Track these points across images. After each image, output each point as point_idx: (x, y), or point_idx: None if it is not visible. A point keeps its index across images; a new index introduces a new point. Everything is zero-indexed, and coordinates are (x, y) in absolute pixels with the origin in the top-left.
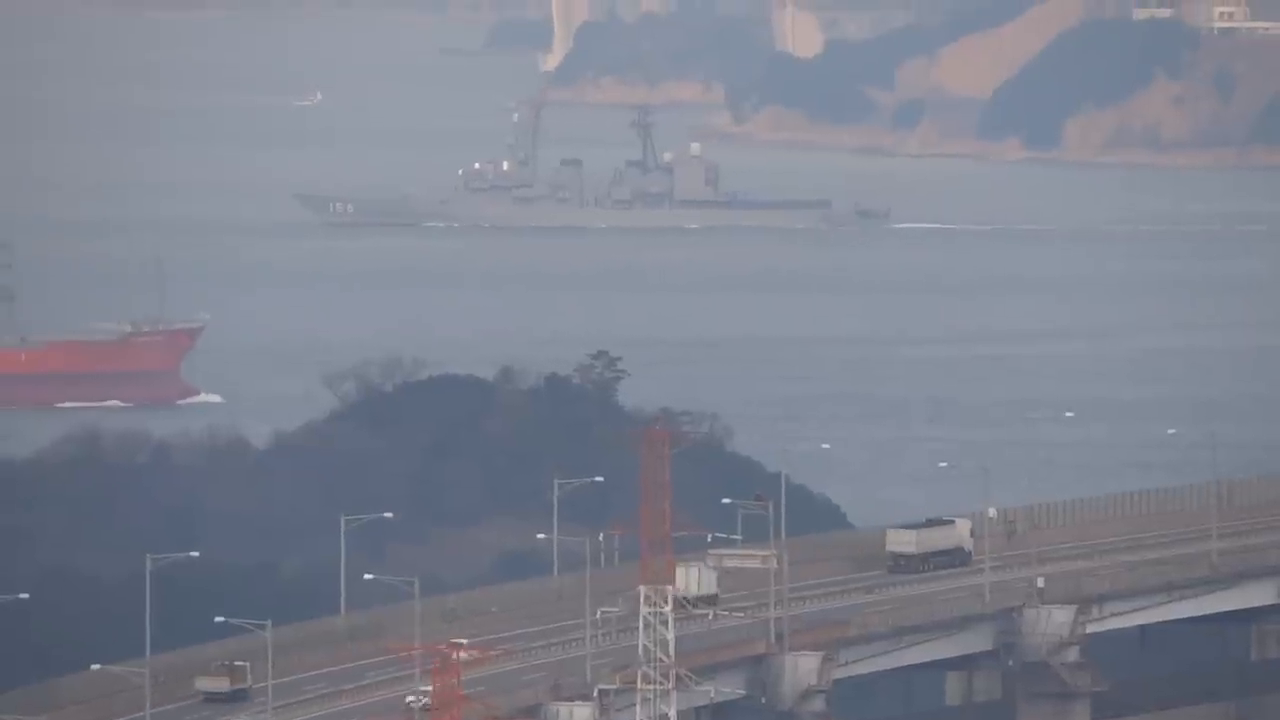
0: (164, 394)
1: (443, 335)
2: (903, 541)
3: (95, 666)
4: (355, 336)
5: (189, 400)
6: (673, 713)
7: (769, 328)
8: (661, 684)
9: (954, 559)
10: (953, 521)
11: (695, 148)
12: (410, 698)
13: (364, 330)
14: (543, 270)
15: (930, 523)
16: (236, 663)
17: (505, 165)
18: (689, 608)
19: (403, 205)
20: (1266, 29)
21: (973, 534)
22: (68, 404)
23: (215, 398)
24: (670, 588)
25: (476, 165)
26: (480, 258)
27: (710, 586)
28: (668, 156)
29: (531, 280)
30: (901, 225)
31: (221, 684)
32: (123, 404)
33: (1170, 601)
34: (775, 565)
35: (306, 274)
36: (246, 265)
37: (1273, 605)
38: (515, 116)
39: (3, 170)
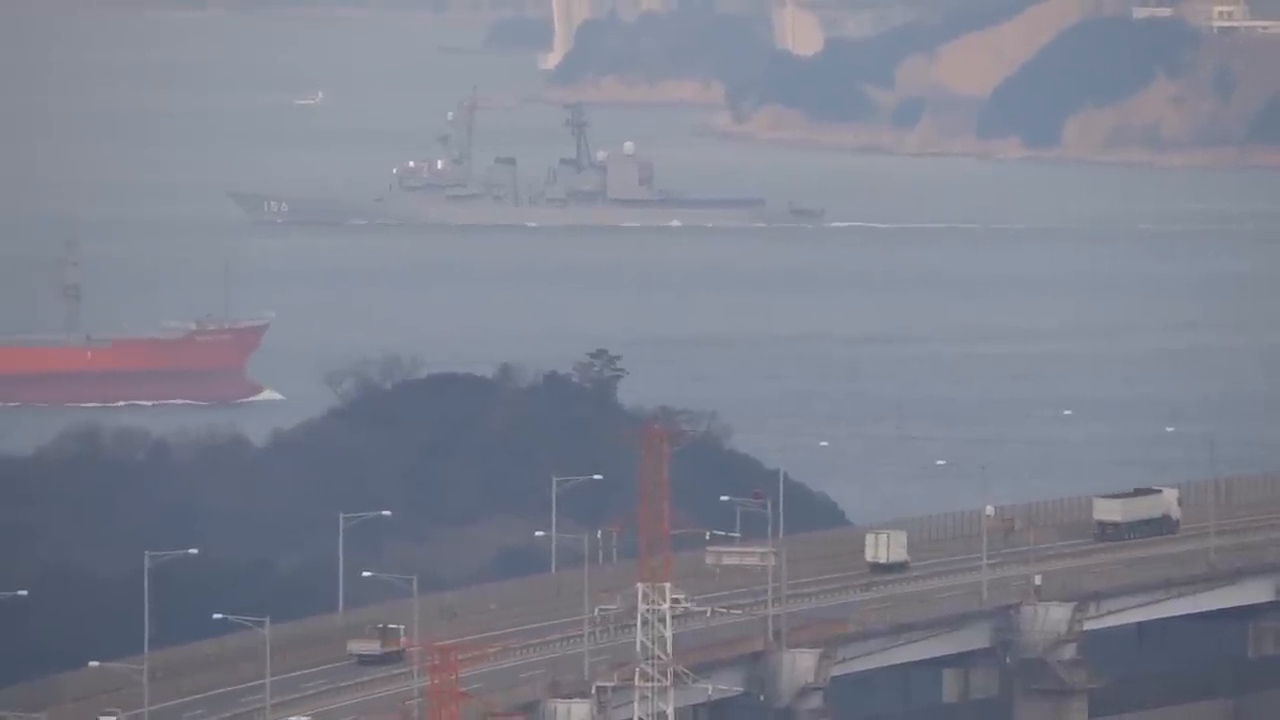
0: (229, 392)
1: (410, 332)
2: (1109, 510)
3: (94, 663)
4: (350, 336)
5: (252, 398)
6: (670, 710)
7: (767, 326)
8: (659, 681)
9: (1161, 527)
10: (1160, 491)
11: (629, 146)
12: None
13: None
14: (512, 268)
15: (1138, 492)
16: (390, 625)
17: (440, 164)
18: (685, 607)
19: (336, 204)
20: (1266, 28)
21: (1180, 503)
22: (133, 402)
23: (278, 395)
24: (668, 585)
25: (411, 164)
26: (415, 255)
27: (900, 554)
28: (601, 155)
29: (504, 278)
30: (836, 224)
31: (374, 647)
32: (188, 402)
33: (1168, 599)
34: (773, 562)
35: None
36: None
37: (1270, 603)
38: (450, 115)
39: (62, 171)
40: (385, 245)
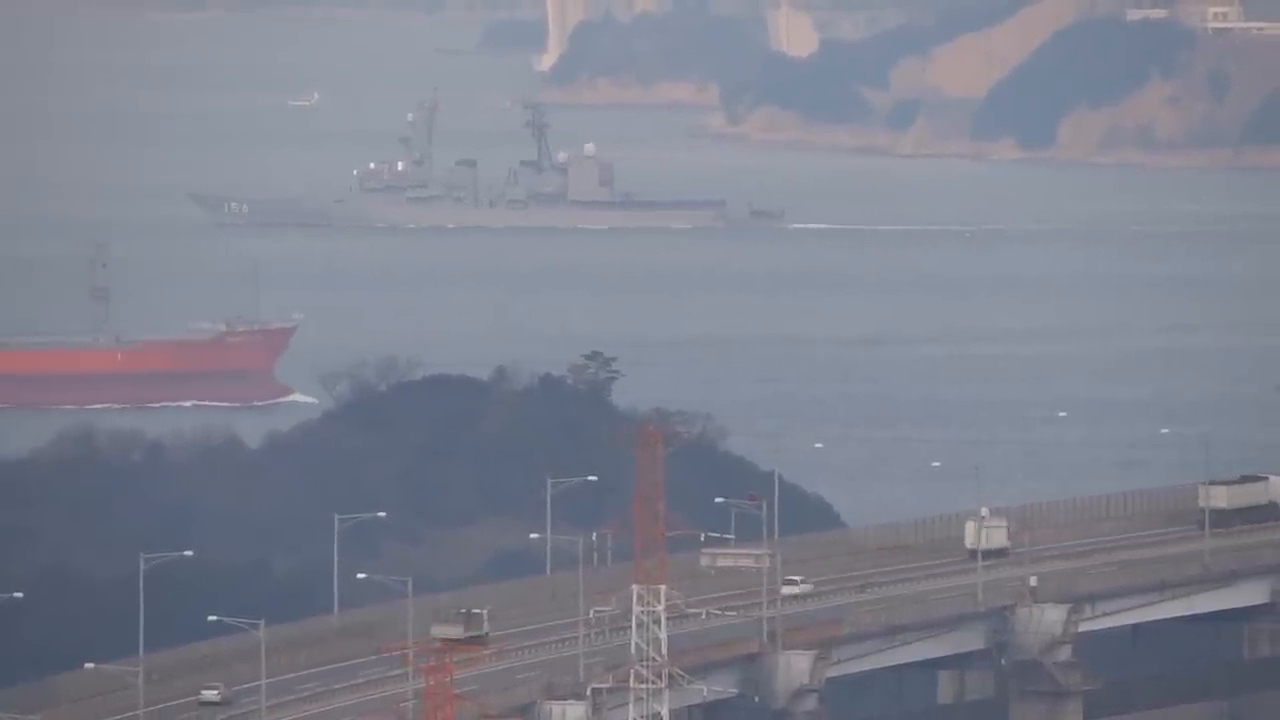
0: (259, 393)
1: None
2: (1214, 497)
3: (89, 665)
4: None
5: (281, 399)
6: (665, 712)
7: (760, 328)
8: (654, 683)
9: (1267, 514)
10: (1266, 478)
11: (589, 148)
12: (206, 692)
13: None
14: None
15: (1244, 479)
16: (473, 610)
17: (400, 166)
18: (683, 608)
19: (297, 206)
20: (1261, 29)
21: None
22: (163, 404)
23: (309, 398)
24: (663, 587)
25: (372, 165)
26: (390, 257)
27: (1001, 540)
28: (562, 157)
29: (500, 279)
30: (797, 225)
31: (457, 631)
32: (218, 403)
33: (1162, 600)
34: (768, 564)
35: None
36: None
37: (1265, 604)
38: (410, 117)
39: (93, 173)
40: (352, 247)
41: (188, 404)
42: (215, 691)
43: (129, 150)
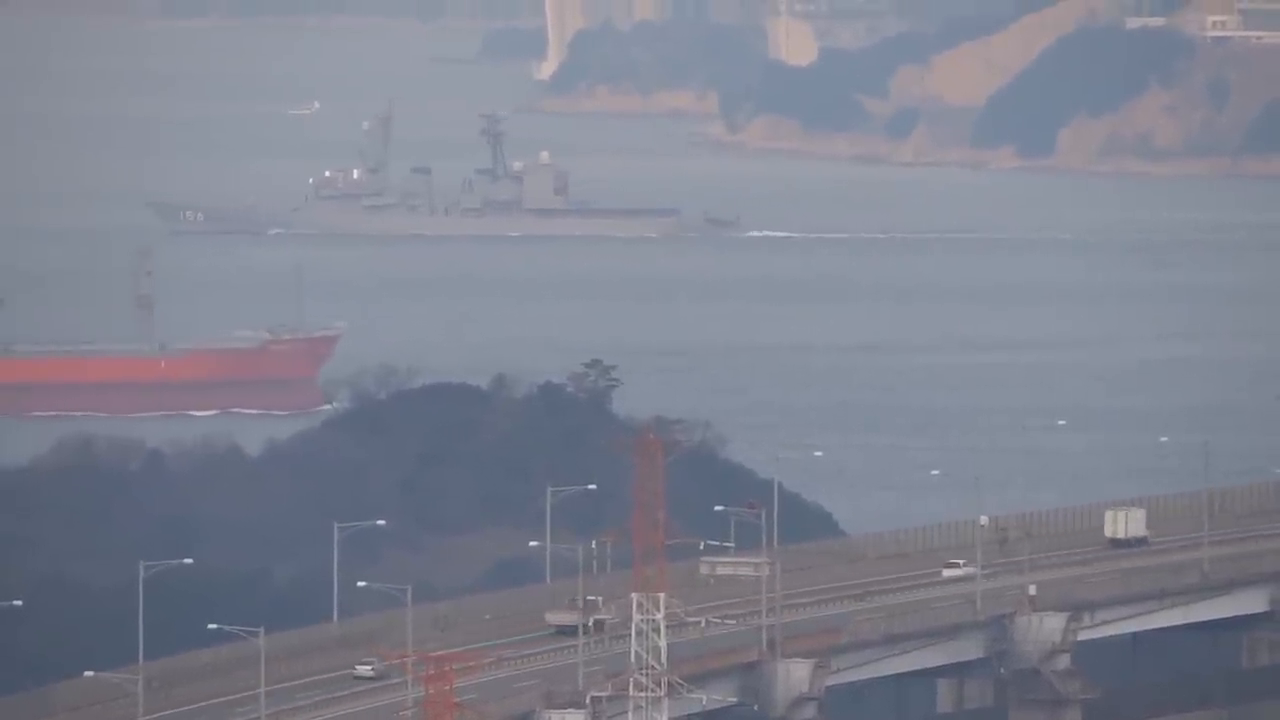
0: (302, 401)
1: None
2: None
3: (89, 673)
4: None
5: (325, 407)
6: None
7: (761, 336)
8: (654, 691)
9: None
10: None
11: (544, 156)
12: (361, 667)
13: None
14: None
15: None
16: (589, 597)
17: (355, 174)
18: (683, 615)
19: (253, 214)
20: (1259, 38)
21: None
22: (207, 411)
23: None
24: (663, 595)
25: (327, 174)
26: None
27: (1139, 528)
28: (518, 165)
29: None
30: (752, 233)
31: (572, 618)
32: (263, 412)
33: (1162, 609)
34: (768, 572)
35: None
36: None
37: (1264, 613)
38: (365, 125)
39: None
40: (309, 256)
41: (232, 411)
42: (369, 666)
43: (90, 155)
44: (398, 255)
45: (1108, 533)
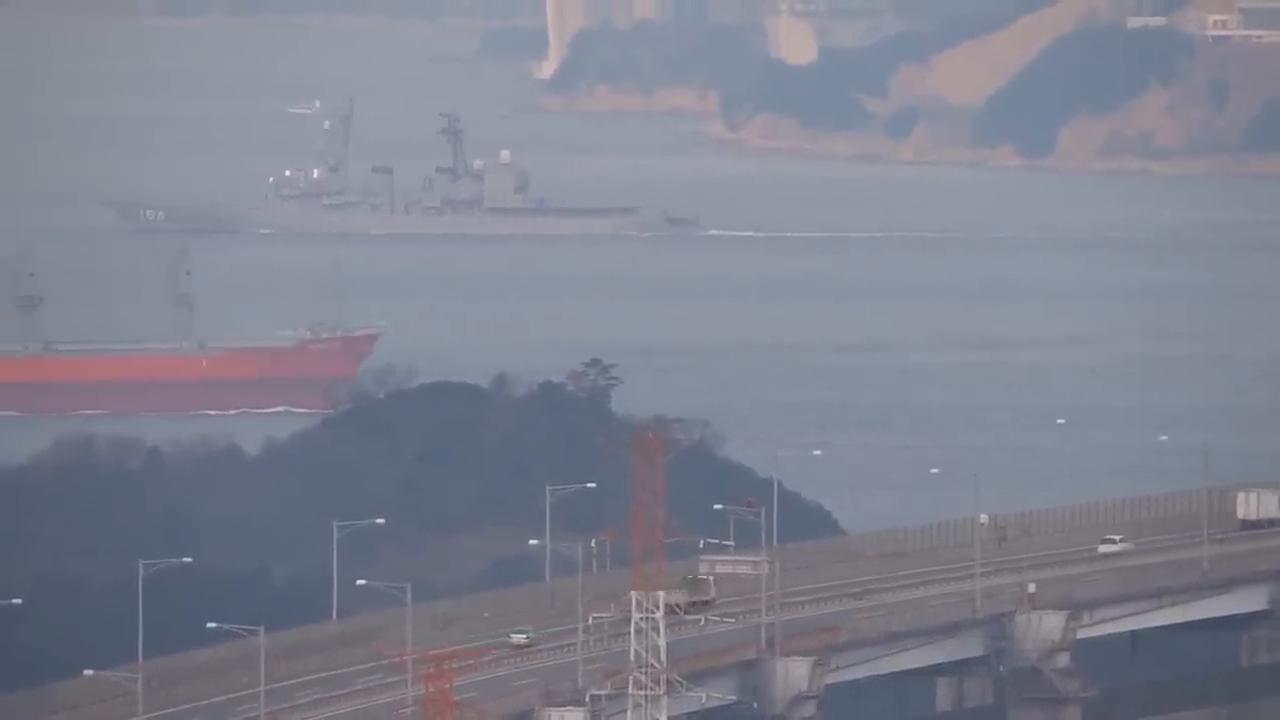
0: (344, 399)
1: None
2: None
3: (88, 672)
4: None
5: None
6: (664, 718)
7: (760, 334)
8: (653, 689)
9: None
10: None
11: (505, 155)
12: (516, 635)
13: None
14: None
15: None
16: (700, 576)
17: (316, 173)
18: (680, 613)
19: (213, 212)
20: (1260, 37)
21: None
22: (247, 410)
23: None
24: (661, 593)
25: (287, 172)
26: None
27: (1272, 510)
28: (478, 164)
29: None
30: (711, 232)
31: (682, 596)
32: (304, 410)
33: (1161, 607)
34: (767, 570)
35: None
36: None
37: (1263, 611)
38: (326, 124)
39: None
40: (270, 254)
41: (274, 410)
42: (524, 635)
43: (59, 155)
44: (359, 254)
45: (1239, 514)
